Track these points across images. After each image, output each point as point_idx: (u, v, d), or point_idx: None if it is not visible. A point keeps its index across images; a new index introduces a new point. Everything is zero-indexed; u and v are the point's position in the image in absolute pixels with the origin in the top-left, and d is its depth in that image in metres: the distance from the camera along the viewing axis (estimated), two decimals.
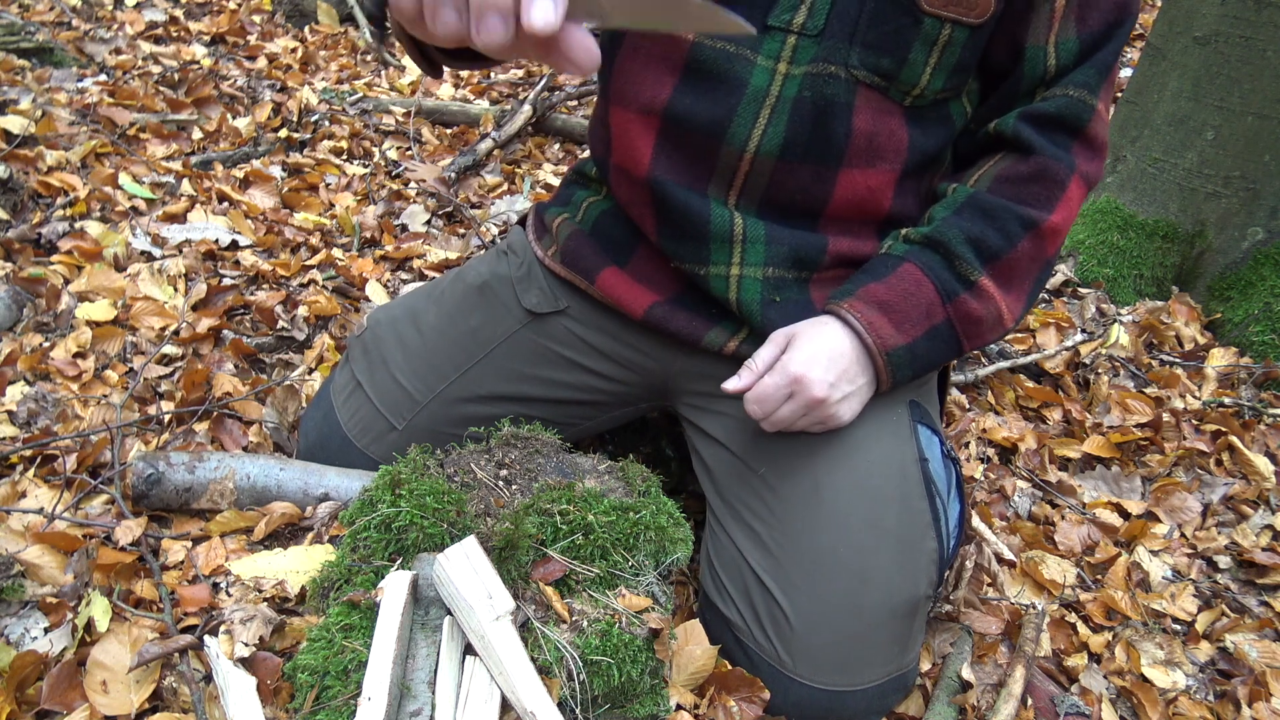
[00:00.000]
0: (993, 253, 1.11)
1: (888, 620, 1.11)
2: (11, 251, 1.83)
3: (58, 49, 2.75)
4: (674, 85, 1.12)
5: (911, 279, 1.11)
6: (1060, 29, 1.09)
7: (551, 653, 0.96)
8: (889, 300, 1.10)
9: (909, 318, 1.10)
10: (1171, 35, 2.21)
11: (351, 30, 3.52)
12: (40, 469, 1.33)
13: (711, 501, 1.24)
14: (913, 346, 1.11)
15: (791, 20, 1.07)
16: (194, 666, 1.05)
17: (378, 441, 1.30)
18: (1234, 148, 2.15)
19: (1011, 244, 1.11)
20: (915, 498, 1.16)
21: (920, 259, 1.12)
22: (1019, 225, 1.11)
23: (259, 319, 1.79)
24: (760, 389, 1.08)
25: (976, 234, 1.10)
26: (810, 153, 1.12)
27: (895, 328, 1.10)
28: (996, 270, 1.11)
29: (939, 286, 1.11)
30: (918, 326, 1.11)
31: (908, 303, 1.10)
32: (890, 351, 1.10)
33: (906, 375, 1.13)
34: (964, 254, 1.10)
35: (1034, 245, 1.12)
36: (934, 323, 1.11)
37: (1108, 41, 1.10)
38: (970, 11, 1.06)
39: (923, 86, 1.10)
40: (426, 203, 2.38)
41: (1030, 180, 1.11)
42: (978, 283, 1.11)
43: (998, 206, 1.11)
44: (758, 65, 1.09)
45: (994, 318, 1.13)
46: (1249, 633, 1.43)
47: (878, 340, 1.09)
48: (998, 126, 1.14)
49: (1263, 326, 2.11)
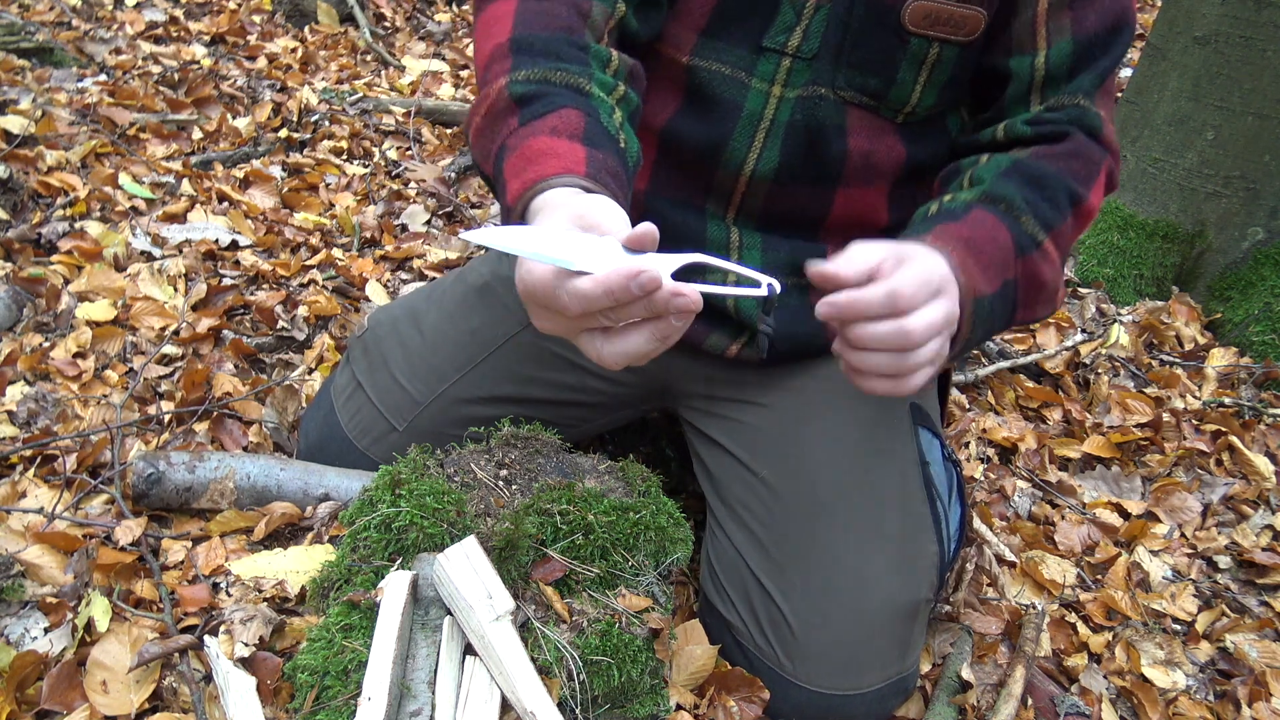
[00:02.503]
0: (1048, 221, 0.99)
1: (888, 624, 1.11)
2: (11, 251, 1.83)
3: (58, 49, 2.75)
4: (676, 108, 1.12)
5: (989, 223, 0.96)
6: (1051, 31, 1.03)
7: (551, 653, 0.96)
8: (974, 239, 0.93)
9: (994, 262, 0.93)
10: (1171, 35, 2.21)
11: (351, 30, 3.52)
12: (40, 469, 1.33)
13: (711, 504, 1.23)
14: (993, 300, 0.94)
15: (786, 43, 1.06)
16: (194, 666, 1.05)
17: (378, 442, 1.30)
18: (1234, 148, 2.15)
19: (1062, 216, 1.00)
20: (916, 501, 1.16)
21: (989, 209, 0.98)
22: (1067, 197, 1.01)
23: (259, 319, 1.79)
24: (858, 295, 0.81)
25: (1031, 198, 0.99)
26: (806, 175, 1.11)
27: (982, 272, 0.92)
28: (1054, 238, 1.00)
29: (1014, 237, 0.96)
30: (999, 275, 0.94)
31: (991, 246, 0.94)
32: (977, 299, 0.91)
33: (977, 336, 0.95)
34: (1026, 212, 0.97)
35: (1075, 223, 1.02)
36: (1007, 276, 0.95)
37: (1108, 49, 1.05)
38: (959, 30, 1.03)
39: (914, 104, 1.08)
40: (426, 203, 2.38)
41: (1070, 156, 1.02)
42: (1043, 244, 0.98)
43: (1048, 174, 1.00)
44: (752, 88, 1.08)
45: (1053, 287, 1.01)
46: (1249, 633, 1.43)
47: (969, 283, 0.90)
48: (1007, 131, 1.07)
49: (1263, 326, 2.11)
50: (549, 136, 0.87)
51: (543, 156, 0.85)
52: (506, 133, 0.91)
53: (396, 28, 3.69)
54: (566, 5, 0.98)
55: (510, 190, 0.86)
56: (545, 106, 0.90)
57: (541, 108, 0.90)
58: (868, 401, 1.20)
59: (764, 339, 0.84)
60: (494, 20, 1.00)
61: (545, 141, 0.87)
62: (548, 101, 0.90)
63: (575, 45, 0.96)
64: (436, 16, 3.82)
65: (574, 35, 0.97)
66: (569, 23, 0.97)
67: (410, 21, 3.76)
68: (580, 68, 0.94)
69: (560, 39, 0.96)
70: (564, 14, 0.97)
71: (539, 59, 0.94)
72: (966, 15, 1.02)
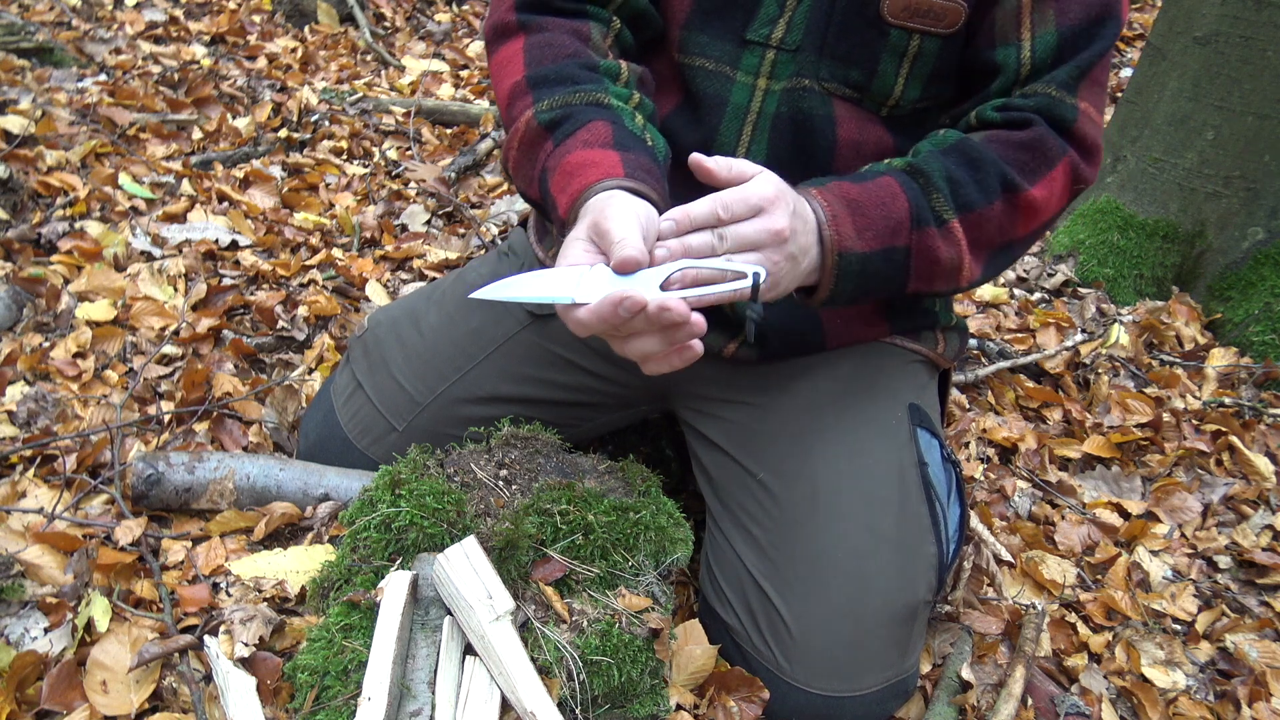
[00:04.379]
0: (967, 202, 1.03)
1: (887, 626, 1.11)
2: (11, 251, 1.83)
3: (58, 49, 2.75)
4: (673, 105, 1.14)
5: (888, 191, 1.01)
6: (1036, 23, 1.04)
7: (551, 653, 0.96)
8: (860, 201, 0.99)
9: (873, 226, 0.99)
10: (1171, 35, 2.21)
11: (351, 30, 3.52)
12: (40, 469, 1.33)
13: (711, 506, 1.23)
14: (866, 259, 1.00)
15: (770, 35, 1.07)
16: (194, 666, 1.05)
17: (378, 442, 1.30)
18: (1234, 148, 2.15)
19: (988, 200, 1.03)
20: (915, 502, 1.16)
21: (899, 178, 1.02)
22: (998, 183, 1.03)
23: (259, 319, 1.79)
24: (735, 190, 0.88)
25: (958, 177, 1.02)
26: (795, 168, 1.10)
27: (857, 232, 0.98)
28: (967, 220, 1.03)
29: (913, 209, 1.01)
30: (879, 239, 1.00)
31: (878, 211, 0.99)
32: (843, 253, 0.98)
33: (846, 290, 1.01)
34: (942, 190, 1.02)
35: (1007, 212, 1.05)
36: (895, 243, 1.01)
37: (1090, 42, 1.05)
38: (939, 22, 1.04)
39: (897, 97, 1.09)
40: (426, 203, 2.38)
41: (1022, 147, 1.04)
42: (949, 223, 1.02)
43: (984, 158, 1.03)
44: (737, 82, 1.09)
45: (953, 267, 1.05)
46: (1249, 633, 1.43)
47: (835, 237, 0.97)
48: (979, 116, 1.07)
49: (1263, 326, 2.11)
50: (583, 150, 0.96)
51: (582, 168, 0.94)
52: (544, 157, 1.00)
53: (396, 28, 3.69)
54: (567, 33, 1.07)
55: (560, 206, 0.96)
56: (574, 125, 0.98)
57: (570, 126, 0.98)
58: (866, 403, 1.20)
59: (752, 325, 0.87)
60: (506, 61, 1.09)
61: (581, 155, 0.96)
62: (574, 120, 0.99)
63: (585, 67, 1.04)
64: (436, 16, 3.82)
65: (581, 59, 1.05)
66: (574, 49, 1.06)
67: (410, 21, 3.76)
68: (595, 85, 1.02)
69: (571, 65, 1.04)
70: (568, 42, 1.06)
71: (556, 87, 1.02)
72: (946, 7, 1.03)
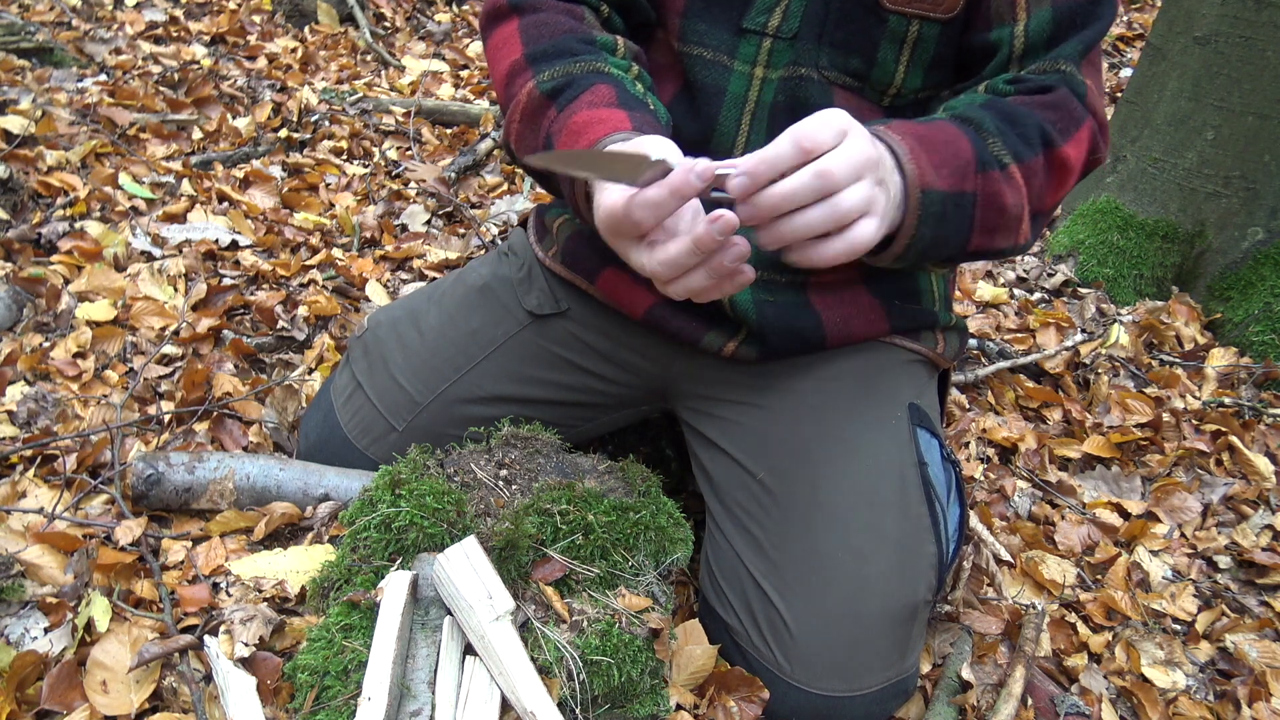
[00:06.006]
0: (1017, 151, 0.97)
1: (887, 626, 1.11)
2: (11, 251, 1.83)
3: (58, 49, 2.75)
4: (673, 94, 1.14)
5: (949, 131, 0.94)
6: (1031, 3, 1.02)
7: (551, 653, 0.96)
8: (929, 137, 0.91)
9: (947, 163, 0.90)
10: (1171, 35, 2.21)
11: (351, 30, 3.52)
12: (40, 469, 1.33)
13: (710, 506, 1.23)
14: (945, 199, 0.90)
15: (766, 23, 1.07)
16: (194, 666, 1.05)
17: (378, 442, 1.30)
18: (1234, 148, 2.15)
19: (1033, 152, 0.98)
20: (914, 502, 1.16)
21: (954, 123, 0.96)
22: (1039, 136, 0.98)
23: (259, 319, 1.79)
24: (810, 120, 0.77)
25: (1003, 128, 0.97)
26: None
27: (934, 168, 0.89)
28: (1023, 169, 0.97)
29: (976, 150, 0.93)
30: (953, 177, 0.91)
31: (947, 149, 0.92)
32: (925, 190, 0.88)
33: (925, 236, 0.91)
34: (995, 136, 0.95)
35: (1047, 168, 1.00)
36: (964, 188, 0.92)
37: (1089, 19, 1.03)
38: (937, 7, 1.04)
39: (899, 85, 1.08)
40: (426, 203, 2.38)
41: (1050, 107, 1.00)
42: (1010, 167, 0.96)
43: (1021, 113, 0.98)
44: (735, 71, 1.09)
45: (1015, 216, 0.98)
46: (1249, 633, 1.43)
47: (917, 170, 0.87)
48: (989, 88, 1.04)
49: (1263, 326, 2.11)
50: (589, 110, 0.94)
51: (589, 126, 0.93)
52: (548, 124, 0.99)
53: (396, 28, 3.69)
54: (561, 13, 1.07)
55: None
56: (577, 90, 0.98)
57: (574, 91, 0.98)
58: (866, 403, 1.20)
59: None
60: (501, 43, 1.09)
61: (588, 114, 0.94)
62: (577, 86, 0.98)
63: (583, 41, 1.04)
64: (436, 16, 3.82)
65: (578, 34, 1.05)
66: (569, 26, 1.06)
67: (410, 21, 3.76)
68: (594, 56, 1.02)
69: (568, 39, 1.04)
70: (563, 20, 1.07)
71: (555, 60, 1.02)
72: None
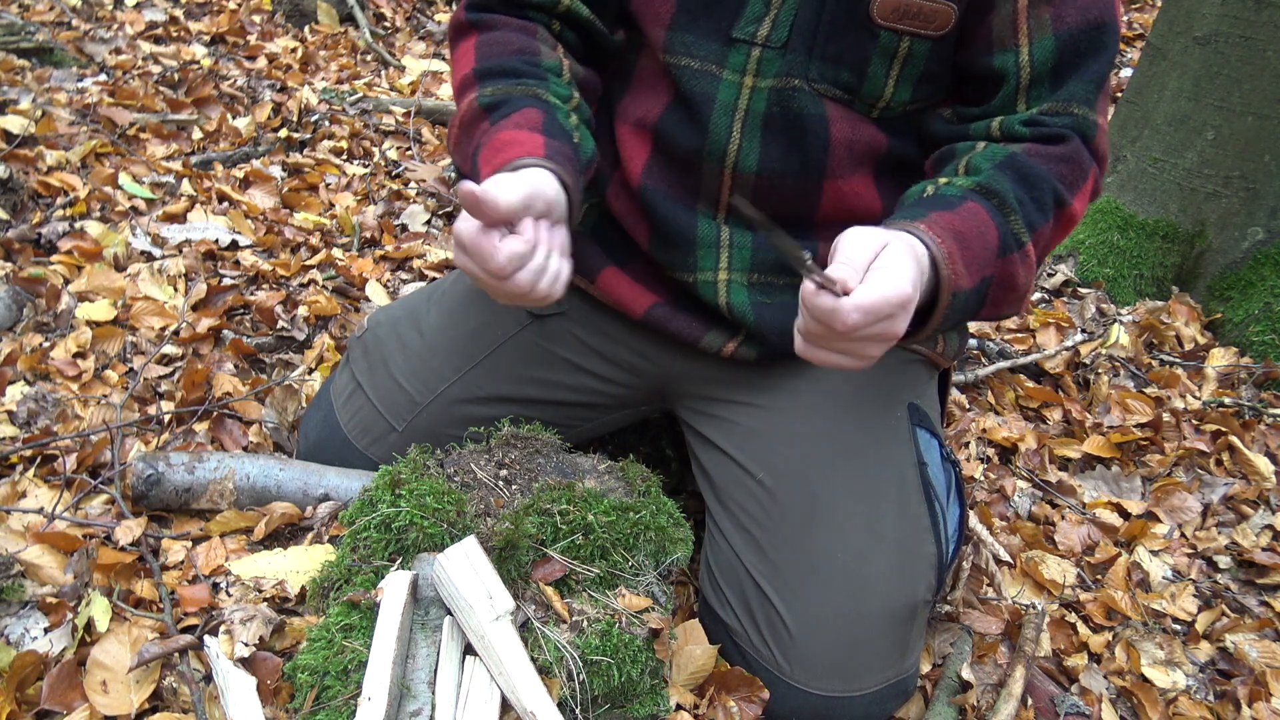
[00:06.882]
0: (1031, 221, 1.00)
1: (886, 626, 1.11)
2: (11, 251, 1.83)
3: (58, 49, 2.75)
4: (665, 105, 1.15)
5: (980, 219, 0.96)
6: (1033, 28, 1.03)
7: (551, 653, 0.96)
8: (964, 233, 0.94)
9: (977, 259, 0.94)
10: (1171, 35, 2.21)
11: (351, 30, 3.52)
12: (40, 469, 1.33)
13: (710, 506, 1.23)
14: (969, 296, 0.94)
15: (755, 33, 1.07)
16: (194, 666, 1.05)
17: (378, 442, 1.30)
18: (1234, 148, 2.15)
19: (1045, 217, 1.01)
20: (914, 502, 1.16)
21: (982, 203, 0.97)
22: (1052, 199, 1.01)
23: (259, 319, 1.79)
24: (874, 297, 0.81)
25: (1021, 196, 0.99)
26: (789, 167, 1.11)
27: (966, 267, 0.93)
28: (1034, 240, 1.01)
29: (1001, 236, 0.96)
30: (979, 272, 0.95)
31: (979, 243, 0.95)
32: (956, 293, 0.93)
33: (945, 328, 0.98)
34: (1017, 211, 0.98)
35: (1055, 227, 1.03)
36: (986, 274, 0.96)
37: (1095, 52, 1.03)
38: (929, 24, 1.04)
39: (888, 99, 1.09)
40: (426, 203, 2.38)
41: (1063, 160, 1.02)
42: (1026, 245, 0.99)
43: (1038, 174, 1.00)
44: (724, 79, 1.10)
45: (1024, 289, 1.02)
46: (1249, 633, 1.43)
47: (952, 277, 0.91)
48: (1004, 127, 1.05)
49: (1263, 326, 2.11)
50: (514, 130, 1.02)
51: (509, 145, 1.00)
52: (479, 134, 1.07)
53: (396, 28, 3.69)
54: (516, 30, 1.14)
55: (483, 176, 0.99)
56: (510, 109, 1.05)
57: (507, 110, 1.05)
58: (865, 403, 1.20)
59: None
60: (461, 56, 1.16)
61: (510, 134, 1.02)
62: (511, 105, 1.06)
63: (530, 64, 1.11)
64: (436, 16, 3.82)
65: (527, 55, 1.12)
66: (520, 44, 1.13)
67: (410, 21, 3.76)
68: (537, 81, 1.09)
69: (516, 60, 1.11)
70: (515, 39, 1.13)
71: (499, 79, 1.10)
72: (936, 9, 1.03)
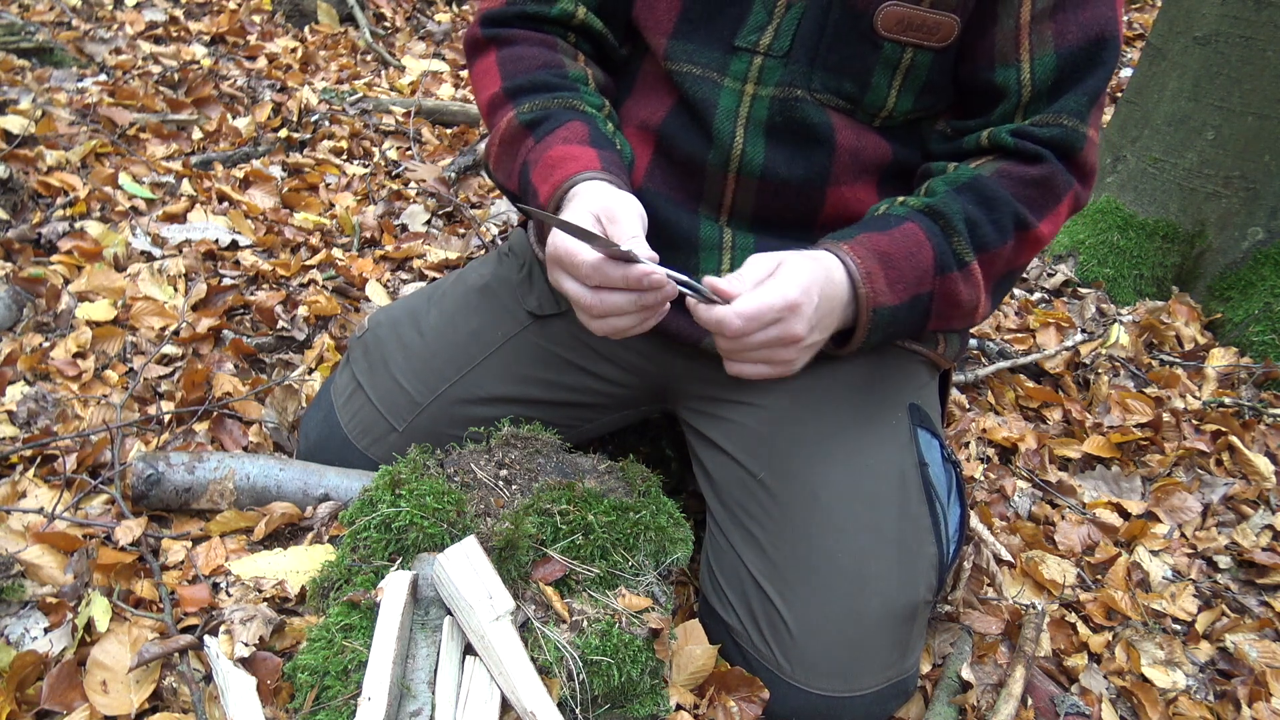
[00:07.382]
0: (984, 242, 1.06)
1: (887, 626, 1.11)
2: (11, 251, 1.83)
3: (58, 49, 2.75)
4: (669, 109, 1.15)
5: (914, 239, 1.04)
6: (1034, 44, 1.05)
7: (551, 653, 0.96)
8: (890, 254, 1.02)
9: (904, 278, 1.03)
10: (1171, 35, 2.21)
11: (351, 30, 3.52)
12: (40, 469, 1.33)
13: (711, 506, 1.24)
14: (896, 311, 1.04)
15: (758, 41, 1.08)
16: (194, 666, 1.05)
17: (378, 443, 1.30)
18: (1234, 148, 2.15)
19: (1002, 239, 1.07)
20: (915, 503, 1.16)
21: (922, 223, 1.05)
22: (1012, 222, 1.07)
23: (259, 319, 1.79)
24: (754, 303, 0.90)
25: (975, 217, 1.05)
26: (794, 172, 1.12)
27: (889, 285, 1.02)
28: (983, 260, 1.07)
29: (937, 256, 1.04)
30: (907, 290, 1.04)
31: (907, 263, 1.03)
32: (877, 309, 1.02)
33: (875, 341, 1.06)
34: (962, 233, 1.05)
35: (1016, 247, 1.08)
36: (919, 291, 1.05)
37: (1093, 66, 1.05)
38: (931, 36, 1.05)
39: (890, 109, 1.10)
40: (426, 203, 2.38)
41: (1033, 184, 1.07)
42: (969, 265, 1.06)
43: (999, 197, 1.06)
44: (725, 87, 1.10)
45: (970, 306, 1.09)
46: (1249, 633, 1.43)
47: (870, 294, 1.01)
48: (992, 137, 1.09)
49: (1263, 326, 2.11)
50: (563, 145, 1.04)
51: (563, 161, 1.02)
52: (525, 151, 1.08)
53: (396, 28, 3.69)
54: (536, 44, 1.15)
55: (541, 194, 1.03)
56: (553, 124, 1.07)
57: (550, 125, 1.07)
58: (866, 403, 1.20)
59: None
60: (483, 74, 1.17)
61: (561, 149, 1.04)
62: (554, 120, 1.07)
63: (558, 76, 1.13)
64: (436, 16, 3.82)
65: (553, 68, 1.13)
66: (545, 59, 1.14)
67: (410, 21, 3.76)
68: (570, 93, 1.11)
69: (544, 74, 1.12)
70: (538, 53, 1.14)
71: (533, 95, 1.11)
72: (940, 21, 1.04)
